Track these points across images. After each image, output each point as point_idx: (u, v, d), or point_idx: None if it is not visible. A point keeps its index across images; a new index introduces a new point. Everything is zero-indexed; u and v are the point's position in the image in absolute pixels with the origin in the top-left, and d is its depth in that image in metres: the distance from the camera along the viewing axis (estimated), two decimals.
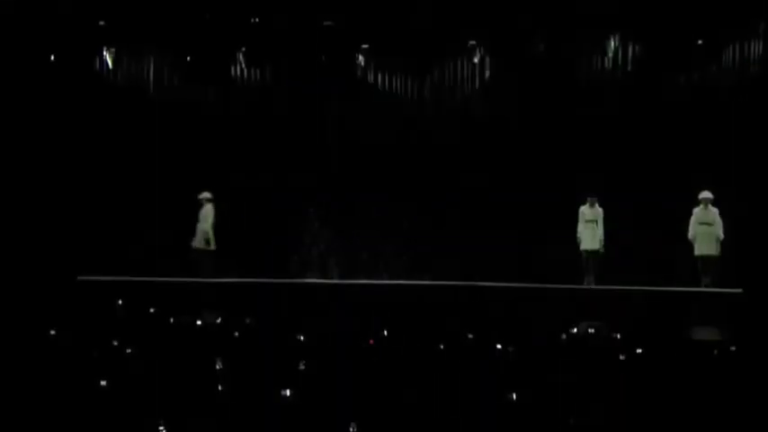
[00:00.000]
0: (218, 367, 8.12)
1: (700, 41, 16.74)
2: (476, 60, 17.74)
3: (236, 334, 10.02)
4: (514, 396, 7.14)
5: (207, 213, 16.65)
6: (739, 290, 14.32)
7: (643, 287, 14.78)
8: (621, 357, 8.83)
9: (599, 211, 15.92)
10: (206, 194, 16.79)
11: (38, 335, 9.58)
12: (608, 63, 17.31)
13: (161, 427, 6.28)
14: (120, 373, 7.83)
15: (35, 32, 17.12)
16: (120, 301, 13.02)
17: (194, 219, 17.05)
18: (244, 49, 18.01)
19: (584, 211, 15.95)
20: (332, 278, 15.61)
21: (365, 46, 17.96)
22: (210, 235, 16.55)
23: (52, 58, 17.64)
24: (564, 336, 10.32)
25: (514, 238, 16.54)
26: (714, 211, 15.38)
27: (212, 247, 16.57)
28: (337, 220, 17.72)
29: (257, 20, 17.72)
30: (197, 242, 16.61)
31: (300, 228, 17.70)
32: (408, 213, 17.46)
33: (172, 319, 11.57)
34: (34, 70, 17.26)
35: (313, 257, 17.22)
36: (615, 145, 16.88)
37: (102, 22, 17.58)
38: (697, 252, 15.35)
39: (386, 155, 17.79)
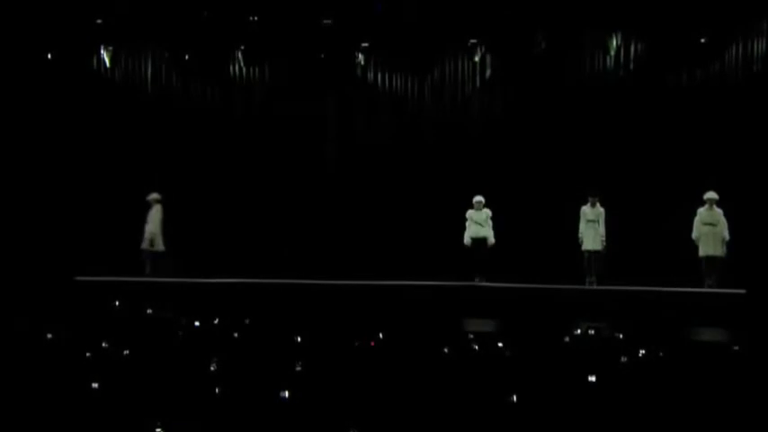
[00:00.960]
0: (215, 368, 8.03)
1: (703, 40, 16.66)
2: (476, 59, 17.68)
3: (235, 335, 9.94)
4: (515, 397, 7.05)
5: (155, 214, 16.54)
6: (742, 291, 14.23)
7: (645, 287, 14.69)
8: (623, 358, 8.75)
9: (600, 210, 15.82)
10: (154, 195, 16.70)
11: (35, 335, 9.51)
12: (610, 62, 17.23)
13: (158, 429, 6.20)
14: (117, 373, 7.75)
15: (32, 30, 17.07)
16: (117, 302, 12.94)
17: (194, 218, 17.03)
18: (243, 47, 17.96)
19: (586, 210, 15.86)
20: (331, 278, 15.51)
21: (365, 45, 17.89)
22: (158, 236, 16.45)
23: (49, 56, 17.59)
24: (565, 336, 10.24)
25: (514, 239, 16.43)
26: (719, 211, 15.28)
27: (159, 248, 16.47)
28: (336, 219, 17.63)
29: (256, 18, 17.65)
30: (145, 243, 16.49)
31: (299, 227, 17.63)
32: (407, 213, 17.38)
33: (169, 320, 11.49)
34: (31, 69, 17.24)
35: (311, 257, 17.12)
36: (616, 145, 16.81)
37: (99, 20, 17.54)
38: (701, 253, 15.26)
39: (386, 155, 17.72)
